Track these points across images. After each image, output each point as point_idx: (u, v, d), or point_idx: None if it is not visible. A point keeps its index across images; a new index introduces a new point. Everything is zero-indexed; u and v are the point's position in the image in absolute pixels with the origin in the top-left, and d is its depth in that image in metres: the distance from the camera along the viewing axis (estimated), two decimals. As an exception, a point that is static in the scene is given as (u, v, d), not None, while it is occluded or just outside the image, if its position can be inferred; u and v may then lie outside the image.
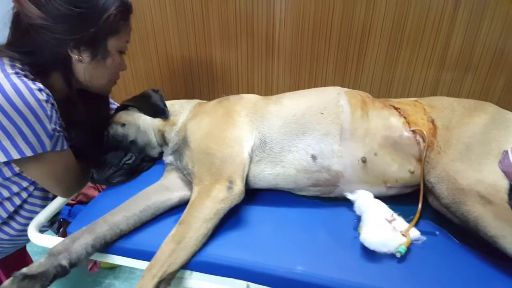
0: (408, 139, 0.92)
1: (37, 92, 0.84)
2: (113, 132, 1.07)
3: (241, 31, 1.68)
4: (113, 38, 0.96)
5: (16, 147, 0.84)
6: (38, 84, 0.86)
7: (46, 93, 0.87)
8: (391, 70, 1.60)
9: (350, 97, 0.98)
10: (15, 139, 0.84)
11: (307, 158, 0.93)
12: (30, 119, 0.83)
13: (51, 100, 0.88)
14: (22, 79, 0.83)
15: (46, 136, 0.87)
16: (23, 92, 0.81)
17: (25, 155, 0.85)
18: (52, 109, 0.88)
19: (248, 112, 0.99)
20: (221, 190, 0.84)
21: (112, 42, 0.96)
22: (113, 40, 0.96)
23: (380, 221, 0.80)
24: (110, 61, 0.98)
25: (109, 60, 0.98)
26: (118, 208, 0.88)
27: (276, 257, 0.79)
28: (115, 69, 1.03)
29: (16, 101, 0.81)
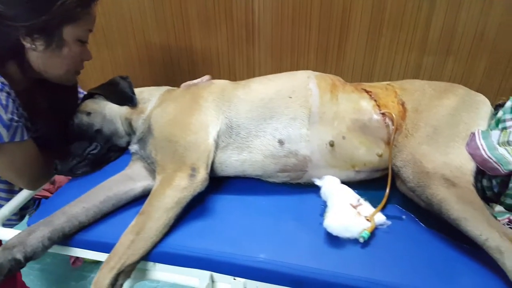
0: (377, 122, 0.90)
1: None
2: (78, 121, 1.04)
3: (220, 17, 1.64)
4: (69, 26, 0.91)
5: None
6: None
7: (1, 82, 0.84)
8: (373, 55, 1.57)
9: (320, 80, 0.96)
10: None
11: (274, 143, 0.91)
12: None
13: (7, 89, 0.85)
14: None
15: (2, 126, 0.84)
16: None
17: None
18: (7, 98, 0.85)
19: (215, 97, 0.97)
20: (183, 178, 0.82)
21: (68, 31, 0.91)
22: (70, 28, 0.91)
23: (343, 206, 0.78)
24: (67, 50, 0.93)
25: (65, 49, 0.93)
26: (77, 200, 0.86)
27: (239, 246, 0.77)
28: (74, 59, 0.97)
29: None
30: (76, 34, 0.93)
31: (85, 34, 0.97)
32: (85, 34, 0.97)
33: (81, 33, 0.94)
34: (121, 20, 1.77)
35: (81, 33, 0.94)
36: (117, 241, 0.77)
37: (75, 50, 0.95)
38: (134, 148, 1.02)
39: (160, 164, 0.87)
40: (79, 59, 1.00)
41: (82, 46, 0.97)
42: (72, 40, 0.93)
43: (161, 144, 0.89)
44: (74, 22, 0.91)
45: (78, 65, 1.01)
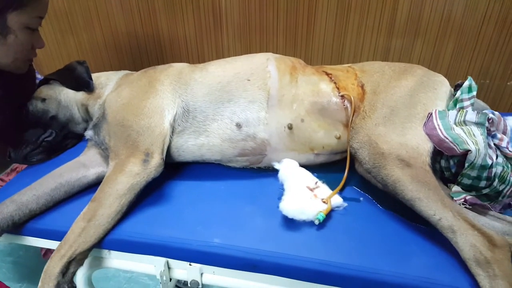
0: (336, 105, 0.89)
1: None
2: (32, 108, 1.00)
3: (186, 2, 1.60)
4: (14, 13, 0.86)
5: None
6: None
7: None
8: (341, 38, 1.56)
9: (279, 62, 0.95)
10: None
11: (232, 127, 0.89)
12: None
13: None
14: None
15: None
16: None
17: None
18: None
19: (172, 80, 0.95)
20: (136, 164, 0.80)
21: (13, 18, 0.87)
22: (15, 15, 0.87)
23: (300, 189, 0.78)
24: (12, 38, 0.89)
25: (10, 37, 0.89)
26: (28, 188, 0.83)
27: (194, 231, 0.76)
28: (22, 47, 0.93)
29: None
30: (23, 22, 0.89)
31: (35, 21, 0.92)
32: (35, 21, 0.92)
33: (28, 20, 0.90)
34: (85, 5, 1.71)
35: (28, 20, 0.90)
36: (69, 229, 0.75)
37: (22, 38, 0.91)
38: (89, 134, 0.99)
39: (113, 150, 0.84)
40: (28, 47, 0.95)
41: (31, 34, 0.93)
42: (18, 27, 0.89)
43: (114, 129, 0.87)
44: (20, 9, 0.87)
45: (28, 53, 0.96)
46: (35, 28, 0.93)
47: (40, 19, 0.94)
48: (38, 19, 0.93)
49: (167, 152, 0.88)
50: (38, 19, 0.93)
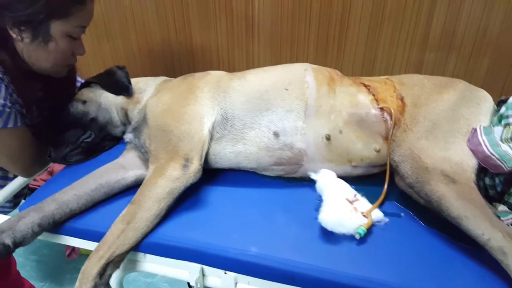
0: (375, 117, 0.88)
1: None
2: (73, 109, 1.03)
3: (220, 10, 1.62)
4: (57, 22, 0.88)
5: None
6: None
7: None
8: (373, 50, 1.55)
9: (317, 73, 0.95)
10: None
11: (269, 135, 0.89)
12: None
13: (0, 75, 0.85)
14: None
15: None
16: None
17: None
18: (0, 84, 0.84)
19: (211, 87, 0.96)
20: (175, 168, 0.80)
21: (56, 26, 0.89)
22: (58, 24, 0.89)
23: (339, 201, 0.76)
24: (53, 45, 0.91)
25: (52, 44, 0.91)
26: (69, 187, 0.84)
27: (231, 239, 0.76)
28: (62, 54, 0.95)
29: None
30: (65, 30, 0.90)
31: (76, 30, 0.94)
32: (76, 30, 0.94)
33: (71, 29, 0.91)
34: (122, 13, 1.75)
35: (71, 29, 0.91)
36: (107, 230, 0.76)
37: (63, 45, 0.92)
38: (128, 137, 1.00)
39: (153, 154, 0.85)
40: (69, 54, 0.97)
41: (72, 42, 0.94)
42: (60, 35, 0.90)
43: (155, 134, 0.88)
44: (63, 18, 0.88)
45: (68, 59, 0.98)
46: (76, 37, 0.95)
47: (83, 28, 0.96)
48: (80, 28, 0.94)
49: (205, 158, 0.88)
50: (81, 28, 0.94)
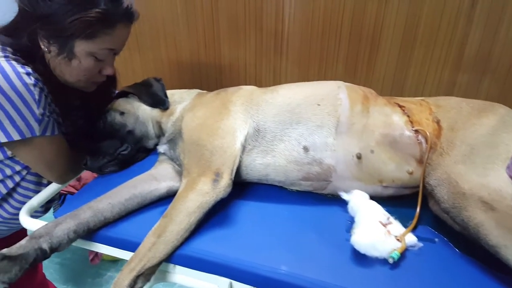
0: (409, 139, 0.87)
1: (24, 76, 0.83)
2: (110, 119, 1.05)
3: (250, 26, 1.64)
4: (83, 41, 0.88)
5: (3, 130, 0.84)
6: (27, 68, 0.84)
7: (35, 78, 0.86)
8: (404, 70, 1.54)
9: (351, 91, 0.95)
10: (3, 122, 0.83)
11: (299, 149, 0.89)
12: (17, 102, 0.82)
13: (40, 85, 0.87)
14: (11, 63, 0.82)
15: (34, 120, 0.86)
16: (10, 76, 0.81)
17: (12, 138, 0.85)
18: (40, 93, 0.87)
19: (244, 101, 0.97)
20: (206, 183, 0.81)
21: (81, 45, 0.88)
22: (83, 43, 0.88)
23: (373, 223, 0.75)
24: (77, 62, 0.91)
25: (75, 61, 0.91)
26: (104, 196, 0.86)
27: (260, 255, 0.75)
28: (86, 72, 0.94)
29: (2, 84, 0.80)
30: (89, 50, 0.90)
31: (102, 52, 0.92)
32: (102, 53, 0.92)
33: (95, 50, 0.91)
34: (154, 26, 1.80)
35: (95, 50, 0.91)
36: (139, 239, 0.77)
37: (86, 64, 0.92)
38: (163, 148, 1.02)
39: (186, 168, 0.86)
40: (94, 72, 0.97)
41: (97, 62, 0.94)
42: (84, 54, 0.90)
43: (189, 148, 0.89)
44: (89, 39, 0.88)
45: (93, 77, 0.98)
46: (101, 59, 0.94)
47: (111, 51, 0.94)
48: (107, 51, 0.93)
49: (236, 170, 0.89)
50: (107, 51, 0.93)
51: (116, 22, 0.90)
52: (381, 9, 1.44)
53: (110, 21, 0.89)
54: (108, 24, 0.89)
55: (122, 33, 0.94)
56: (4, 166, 0.95)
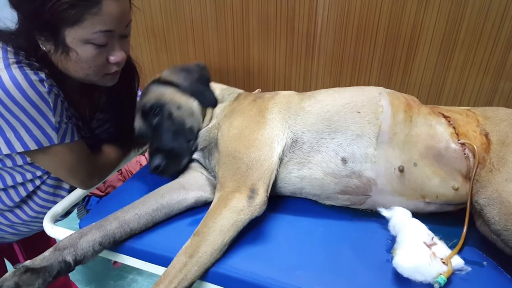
0: (455, 152, 0.80)
1: (37, 83, 0.79)
2: (168, 113, 0.95)
3: (281, 27, 1.60)
4: (71, 30, 0.79)
5: (19, 140, 0.82)
6: (40, 74, 0.81)
7: (49, 84, 0.82)
8: (442, 76, 1.47)
9: (393, 98, 0.88)
10: (19, 132, 0.81)
11: (337, 161, 0.84)
12: (32, 112, 0.80)
13: (55, 91, 0.84)
14: (23, 70, 0.78)
15: (52, 129, 0.84)
16: (22, 85, 0.77)
17: (29, 148, 0.83)
18: (56, 100, 0.84)
19: (281, 108, 0.92)
20: (240, 200, 0.77)
21: (71, 34, 0.79)
22: (72, 32, 0.79)
23: (417, 244, 0.69)
24: (75, 54, 0.82)
25: (73, 53, 0.82)
26: (131, 206, 0.83)
27: (294, 275, 0.71)
28: (91, 63, 0.85)
29: (15, 94, 0.77)
30: (81, 38, 0.80)
31: (96, 36, 0.81)
32: (97, 36, 0.81)
33: (88, 36, 0.80)
34: (182, 26, 1.78)
35: (88, 36, 0.80)
36: (166, 252, 0.74)
37: (85, 54, 0.83)
38: (196, 155, 0.97)
39: (221, 181, 0.82)
40: (100, 62, 0.87)
41: (98, 49, 0.84)
42: (76, 44, 0.81)
43: (224, 160, 0.85)
44: (75, 24, 0.78)
45: (101, 68, 0.89)
46: (100, 44, 0.83)
47: (107, 33, 0.83)
48: (100, 34, 0.81)
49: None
50: (102, 33, 0.82)
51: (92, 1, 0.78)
52: (420, 11, 1.37)
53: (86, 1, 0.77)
54: (91, 2, 0.78)
55: (112, 8, 0.81)
56: (24, 170, 0.94)
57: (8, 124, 0.80)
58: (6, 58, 0.80)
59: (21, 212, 1.00)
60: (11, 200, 0.97)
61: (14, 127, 0.81)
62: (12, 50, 0.82)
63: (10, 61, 0.79)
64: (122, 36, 0.88)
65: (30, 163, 0.93)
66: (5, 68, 0.78)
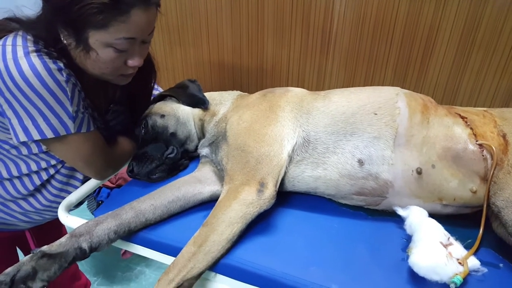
0: (473, 154, 0.79)
1: (55, 72, 0.80)
2: (152, 123, 1.02)
3: (296, 23, 1.59)
4: (95, 32, 0.80)
5: (37, 128, 0.83)
6: (58, 63, 0.81)
7: (67, 73, 0.83)
8: (458, 77, 1.45)
9: (410, 99, 0.88)
10: (36, 120, 0.82)
11: (353, 162, 0.83)
12: (49, 100, 0.81)
13: (73, 81, 0.84)
14: (42, 58, 0.79)
15: (68, 117, 0.84)
16: (41, 73, 0.78)
17: (45, 136, 0.84)
18: (73, 89, 0.84)
19: (293, 107, 0.92)
20: (250, 193, 0.77)
21: (95, 36, 0.81)
22: (97, 34, 0.81)
23: (434, 244, 0.69)
24: (95, 54, 0.84)
25: (93, 53, 0.83)
26: (147, 196, 0.84)
27: (309, 271, 0.71)
28: (108, 64, 0.87)
29: (34, 81, 0.78)
30: (104, 41, 0.82)
31: (119, 42, 0.83)
32: (119, 42, 0.83)
33: (111, 41, 0.82)
34: (197, 22, 1.78)
35: (111, 41, 0.82)
36: (179, 244, 0.74)
37: (105, 56, 0.84)
38: (205, 151, 0.99)
39: (229, 174, 0.82)
40: (118, 65, 0.89)
41: (118, 53, 0.85)
42: (99, 45, 0.83)
43: (233, 153, 0.85)
44: (101, 28, 0.80)
45: (118, 69, 0.90)
46: (120, 49, 0.85)
47: (130, 40, 0.84)
48: (123, 40, 0.83)
49: (281, 181, 0.84)
50: (125, 40, 0.83)
51: (129, 7, 0.79)
52: (438, 10, 1.36)
53: (121, 7, 0.78)
54: (120, 10, 0.79)
55: (140, 19, 0.82)
56: (39, 159, 0.95)
57: (26, 111, 0.81)
58: (25, 47, 0.81)
59: (35, 201, 1.01)
60: (25, 188, 0.98)
61: (32, 115, 0.82)
62: (31, 38, 0.83)
63: (30, 49, 0.80)
64: (143, 42, 0.90)
65: (45, 152, 0.93)
66: (25, 56, 0.79)
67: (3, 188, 0.98)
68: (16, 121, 0.82)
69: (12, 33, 0.86)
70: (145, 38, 0.89)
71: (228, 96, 1.08)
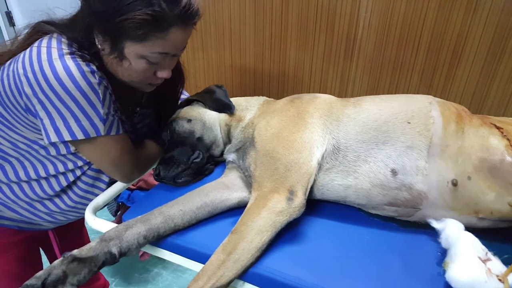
0: (511, 166, 0.77)
1: (89, 74, 0.81)
2: (178, 127, 1.03)
3: (320, 28, 1.58)
4: (133, 44, 0.83)
5: (68, 129, 0.83)
6: (91, 66, 0.82)
7: (99, 76, 0.84)
8: (486, 86, 1.42)
9: (444, 108, 0.85)
10: (68, 121, 0.83)
11: (386, 172, 0.81)
12: (82, 102, 0.81)
13: (104, 83, 0.85)
14: (76, 61, 0.80)
15: (99, 120, 0.85)
16: (74, 75, 0.79)
17: (76, 137, 0.84)
18: (105, 92, 0.85)
19: (322, 114, 0.90)
20: (279, 201, 0.76)
21: (131, 47, 0.83)
22: (133, 46, 0.83)
23: (472, 259, 0.66)
24: (127, 63, 0.86)
25: (126, 62, 0.86)
26: (175, 201, 0.83)
27: (340, 284, 0.69)
28: (139, 74, 0.90)
29: (67, 83, 0.79)
30: (140, 53, 0.84)
31: (154, 56, 0.86)
32: (154, 56, 0.86)
33: (147, 54, 0.85)
34: (220, 27, 1.78)
35: (147, 54, 0.85)
36: (207, 251, 0.73)
37: (137, 67, 0.87)
38: (231, 157, 0.98)
39: (258, 180, 0.81)
40: (147, 75, 0.91)
41: (150, 64, 0.88)
42: (134, 56, 0.85)
43: (262, 159, 0.84)
44: (139, 41, 0.82)
45: (147, 79, 0.93)
46: (154, 62, 0.88)
47: (164, 55, 0.87)
48: (158, 55, 0.86)
49: (311, 188, 0.83)
50: (160, 55, 0.86)
51: (169, 26, 0.82)
52: (467, 18, 1.33)
53: (162, 24, 0.81)
54: (160, 27, 0.81)
55: (177, 36, 0.85)
56: (67, 160, 0.96)
57: (58, 112, 0.82)
58: (60, 49, 0.82)
59: (60, 201, 1.02)
60: (52, 189, 0.99)
61: (64, 116, 0.82)
62: (66, 41, 0.84)
63: (64, 51, 0.81)
64: (174, 55, 0.92)
65: (73, 153, 0.94)
66: (59, 58, 0.80)
67: (30, 189, 0.98)
68: (48, 121, 0.83)
69: (47, 35, 0.87)
70: (178, 52, 0.92)
71: (254, 102, 1.07)
